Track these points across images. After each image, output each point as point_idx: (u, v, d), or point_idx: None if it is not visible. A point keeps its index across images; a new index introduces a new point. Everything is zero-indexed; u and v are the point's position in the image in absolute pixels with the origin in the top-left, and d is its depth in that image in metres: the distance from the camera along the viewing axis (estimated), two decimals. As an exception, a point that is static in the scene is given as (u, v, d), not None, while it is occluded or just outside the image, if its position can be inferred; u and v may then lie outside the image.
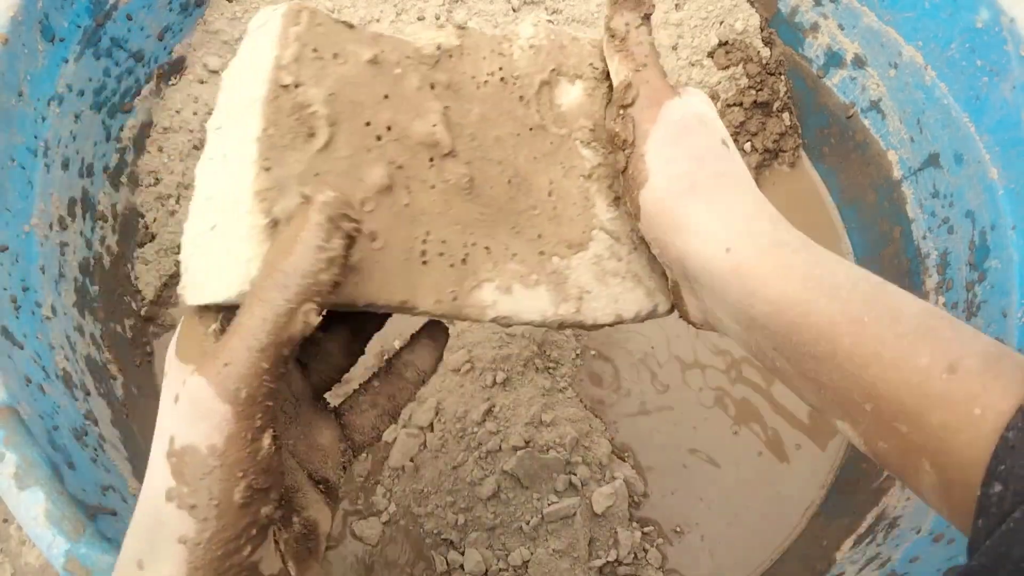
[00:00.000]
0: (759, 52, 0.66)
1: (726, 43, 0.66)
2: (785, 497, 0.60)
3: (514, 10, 0.63)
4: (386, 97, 0.33)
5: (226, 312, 0.30)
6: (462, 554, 0.54)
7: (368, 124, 0.32)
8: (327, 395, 0.36)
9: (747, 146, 0.68)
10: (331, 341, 0.35)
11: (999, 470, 0.25)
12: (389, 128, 0.33)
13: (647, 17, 0.38)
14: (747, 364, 0.63)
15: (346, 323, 0.35)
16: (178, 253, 0.62)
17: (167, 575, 0.25)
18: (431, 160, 0.33)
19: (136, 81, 0.60)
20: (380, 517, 0.56)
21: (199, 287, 0.30)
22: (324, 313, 0.26)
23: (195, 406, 0.25)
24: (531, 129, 0.37)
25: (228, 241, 0.29)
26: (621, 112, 0.36)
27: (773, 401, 0.62)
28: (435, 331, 0.37)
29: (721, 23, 0.66)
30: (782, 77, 0.68)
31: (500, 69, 0.36)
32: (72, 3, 0.51)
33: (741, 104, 0.66)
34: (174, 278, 0.62)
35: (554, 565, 0.53)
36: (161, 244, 0.61)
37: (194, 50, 0.62)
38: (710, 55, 0.66)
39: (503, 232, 0.35)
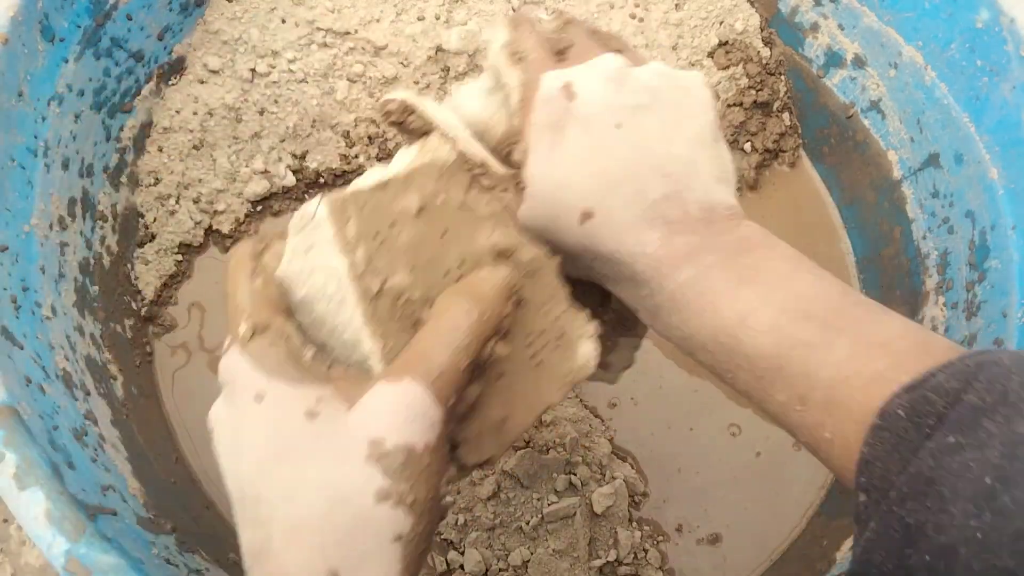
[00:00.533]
0: (759, 52, 0.67)
1: (726, 43, 0.66)
2: (785, 497, 0.60)
3: (514, 10, 0.63)
4: (446, 232, 0.31)
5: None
6: (462, 554, 0.54)
7: (447, 273, 0.31)
8: None
9: (747, 146, 0.68)
10: None
11: (861, 482, 0.27)
12: (462, 262, 0.31)
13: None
14: (747, 364, 0.63)
15: None
16: (178, 253, 0.62)
17: None
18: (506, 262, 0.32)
19: (136, 81, 0.60)
20: (380, 517, 0.56)
21: None
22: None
23: (409, 409, 0.27)
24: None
25: None
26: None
27: (773, 401, 0.62)
28: None
29: (721, 23, 0.66)
30: (782, 77, 0.68)
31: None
32: (72, 3, 0.51)
33: (741, 104, 0.66)
34: (174, 278, 0.62)
35: (554, 565, 0.53)
36: (161, 244, 0.61)
37: (194, 50, 0.62)
38: (710, 55, 0.66)
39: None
